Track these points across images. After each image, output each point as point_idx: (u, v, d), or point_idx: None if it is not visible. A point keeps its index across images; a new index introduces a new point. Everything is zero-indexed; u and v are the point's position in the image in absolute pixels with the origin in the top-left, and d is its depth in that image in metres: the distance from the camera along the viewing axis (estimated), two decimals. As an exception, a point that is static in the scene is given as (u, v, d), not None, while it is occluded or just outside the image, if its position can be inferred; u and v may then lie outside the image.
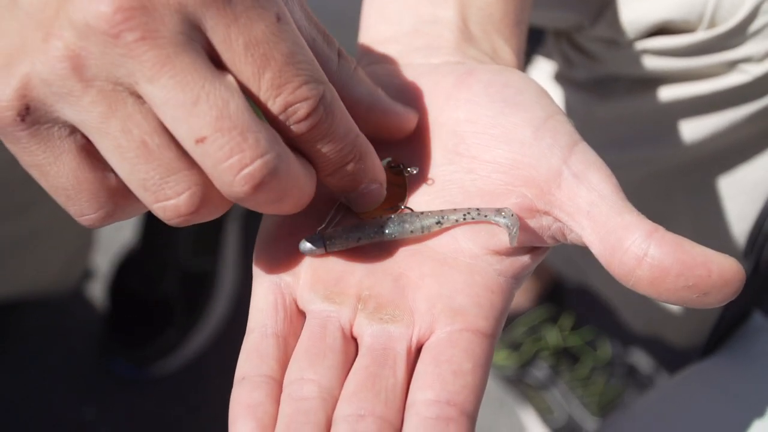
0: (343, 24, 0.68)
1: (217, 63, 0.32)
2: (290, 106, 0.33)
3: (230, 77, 0.32)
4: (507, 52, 0.44)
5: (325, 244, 0.37)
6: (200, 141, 0.31)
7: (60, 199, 0.33)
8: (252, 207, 0.33)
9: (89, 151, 0.33)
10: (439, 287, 0.37)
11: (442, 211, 0.38)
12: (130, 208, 0.34)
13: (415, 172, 0.39)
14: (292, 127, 0.33)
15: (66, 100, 0.31)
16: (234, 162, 0.31)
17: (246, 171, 0.31)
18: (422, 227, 0.38)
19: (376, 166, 0.37)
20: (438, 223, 0.38)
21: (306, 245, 0.38)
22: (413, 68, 0.42)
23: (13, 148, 0.33)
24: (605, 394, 1.04)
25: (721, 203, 0.64)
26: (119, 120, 0.31)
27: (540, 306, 1.07)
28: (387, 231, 0.38)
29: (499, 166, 0.38)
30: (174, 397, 1.08)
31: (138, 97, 0.31)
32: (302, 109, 0.33)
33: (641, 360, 1.07)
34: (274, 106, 0.33)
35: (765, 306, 0.57)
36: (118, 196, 0.33)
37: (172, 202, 0.32)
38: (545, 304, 1.07)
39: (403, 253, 0.38)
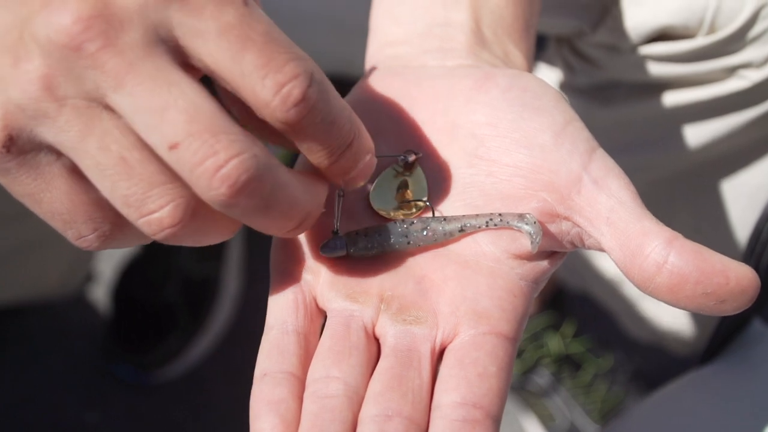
0: (345, 28, 0.68)
1: (186, 66, 0.31)
2: (282, 86, 0.31)
3: (198, 83, 0.31)
4: (517, 56, 0.44)
5: (349, 251, 0.37)
6: (174, 147, 0.30)
7: (57, 224, 0.33)
8: (242, 218, 0.32)
9: (79, 173, 0.32)
10: (462, 290, 0.36)
11: (464, 216, 0.38)
12: (128, 230, 0.33)
13: (410, 159, 0.39)
14: (291, 111, 0.31)
15: (43, 123, 0.31)
16: (209, 165, 0.30)
17: (222, 172, 0.30)
18: (445, 233, 0.38)
19: (367, 136, 0.36)
20: (461, 230, 0.37)
21: (327, 249, 0.37)
22: (428, 70, 0.42)
23: (3, 181, 0.32)
24: (607, 401, 1.04)
25: (722, 209, 0.64)
26: (96, 137, 0.30)
27: (542, 313, 1.07)
28: (411, 241, 0.38)
29: (520, 170, 0.37)
30: (177, 402, 1.08)
31: (113, 111, 0.31)
32: (297, 89, 0.31)
33: (643, 367, 1.07)
34: (264, 90, 0.31)
35: (764, 313, 0.57)
36: (114, 215, 0.33)
37: (155, 216, 0.31)
38: (547, 311, 1.07)
39: (424, 255, 0.38)
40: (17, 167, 0.31)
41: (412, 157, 0.39)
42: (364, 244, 0.37)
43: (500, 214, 0.37)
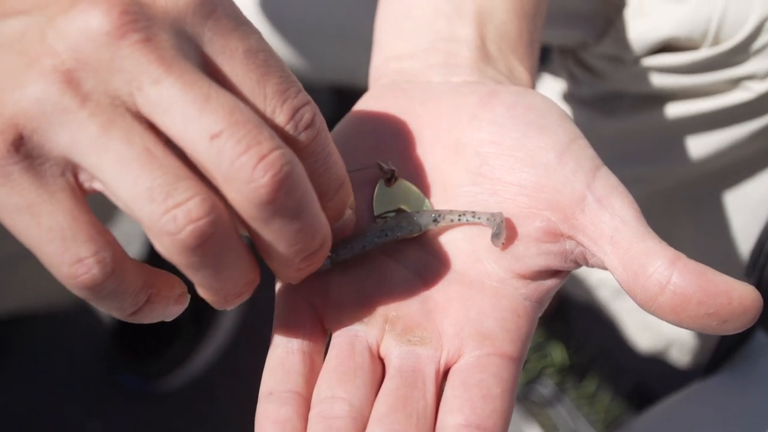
0: (349, 39, 0.69)
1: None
2: (297, 110, 0.32)
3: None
4: (522, 72, 0.44)
5: (330, 257, 0.37)
6: (216, 136, 0.30)
7: (54, 246, 0.31)
8: (272, 227, 0.31)
9: (80, 196, 0.31)
10: (466, 311, 0.37)
11: (439, 210, 0.38)
12: (126, 269, 0.32)
13: (386, 167, 0.39)
14: (300, 135, 0.32)
15: (61, 120, 0.30)
16: (253, 153, 0.30)
17: (266, 161, 0.30)
18: (420, 225, 0.38)
19: (351, 188, 0.36)
20: (435, 220, 0.38)
21: None
22: (433, 86, 0.42)
23: (2, 189, 0.31)
24: (611, 411, 1.04)
25: (725, 221, 0.64)
26: (121, 129, 0.30)
27: (545, 323, 1.07)
28: (388, 233, 0.38)
29: (524, 189, 0.37)
30: (181, 410, 1.08)
31: (136, 114, 0.30)
32: (307, 113, 0.33)
33: (646, 377, 1.07)
34: (282, 114, 0.32)
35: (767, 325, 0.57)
36: (115, 246, 0.32)
37: (182, 209, 0.30)
38: (551, 321, 1.07)
39: (428, 276, 0.38)
40: (21, 172, 0.30)
41: (387, 166, 0.39)
42: (344, 247, 0.38)
43: (473, 212, 0.38)
